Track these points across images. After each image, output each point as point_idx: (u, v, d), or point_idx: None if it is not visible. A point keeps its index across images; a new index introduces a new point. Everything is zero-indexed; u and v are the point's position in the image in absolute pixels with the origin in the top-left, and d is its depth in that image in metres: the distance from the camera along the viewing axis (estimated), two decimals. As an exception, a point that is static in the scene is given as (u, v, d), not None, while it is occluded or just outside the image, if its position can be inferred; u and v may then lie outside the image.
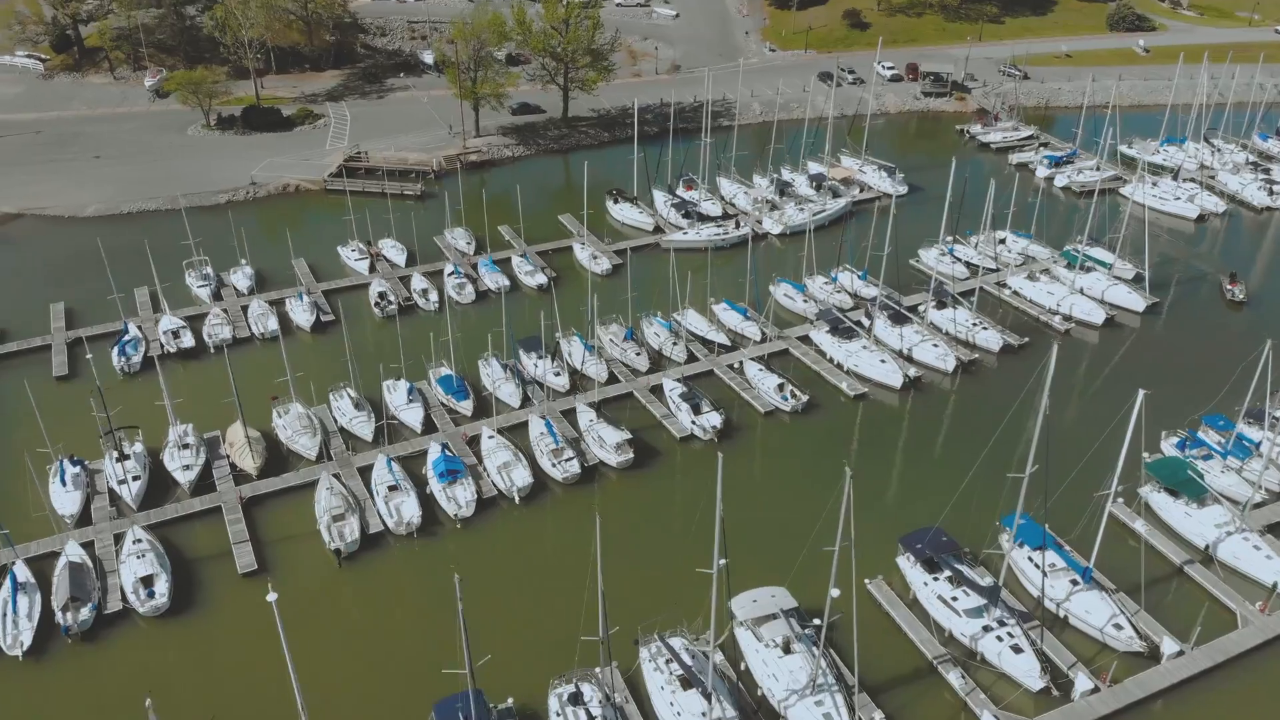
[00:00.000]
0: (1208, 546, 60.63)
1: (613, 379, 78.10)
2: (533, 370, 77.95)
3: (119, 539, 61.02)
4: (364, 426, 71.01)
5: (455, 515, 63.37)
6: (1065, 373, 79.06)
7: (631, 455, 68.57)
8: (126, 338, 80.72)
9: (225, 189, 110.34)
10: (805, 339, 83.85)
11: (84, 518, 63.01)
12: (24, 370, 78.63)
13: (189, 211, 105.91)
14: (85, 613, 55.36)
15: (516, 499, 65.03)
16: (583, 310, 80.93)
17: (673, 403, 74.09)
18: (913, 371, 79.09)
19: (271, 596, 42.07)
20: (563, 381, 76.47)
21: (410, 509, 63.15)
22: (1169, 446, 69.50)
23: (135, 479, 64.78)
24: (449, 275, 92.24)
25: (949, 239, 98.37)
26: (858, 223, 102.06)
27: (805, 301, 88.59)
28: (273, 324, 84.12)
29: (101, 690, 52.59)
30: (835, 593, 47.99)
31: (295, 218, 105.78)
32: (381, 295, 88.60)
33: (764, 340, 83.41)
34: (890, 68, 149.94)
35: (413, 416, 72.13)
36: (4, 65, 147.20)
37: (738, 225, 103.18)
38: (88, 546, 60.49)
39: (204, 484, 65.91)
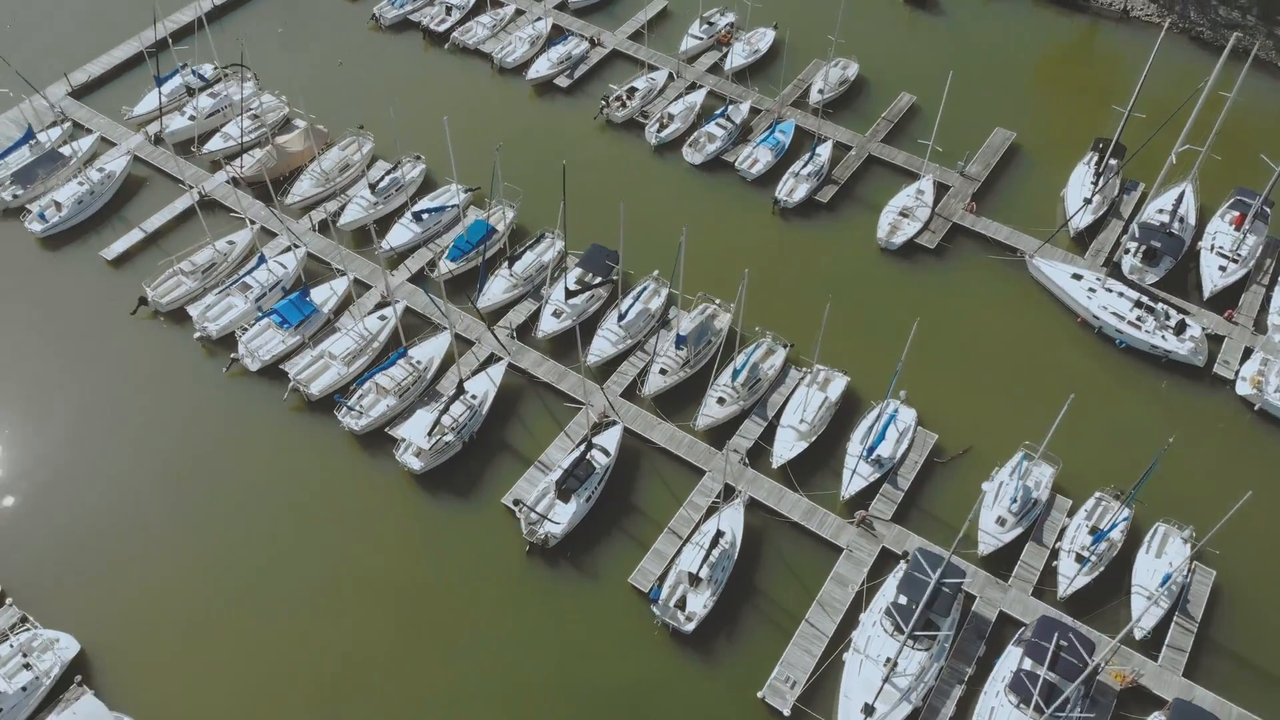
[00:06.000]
0: None
1: (606, 374, 52.64)
2: (557, 299, 54.88)
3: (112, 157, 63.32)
4: (354, 210, 59.60)
5: (234, 357, 52.66)
6: None
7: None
8: (408, -8, 75.74)
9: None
10: (884, 567, 45.26)
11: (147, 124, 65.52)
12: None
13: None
14: (18, 191, 60.09)
15: (284, 394, 51.22)
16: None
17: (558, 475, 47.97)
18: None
19: None
20: (555, 325, 53.71)
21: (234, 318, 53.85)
22: None
23: (191, 118, 64.69)
24: (714, 118, 65.83)
25: None
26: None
27: (1012, 515, 46.19)
28: (515, 57, 70.98)
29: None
30: None
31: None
32: (630, 93, 67.61)
33: (842, 507, 47.23)
34: None
35: (399, 236, 58.15)
36: None
37: (1180, 327, 53.88)
38: (90, 153, 63.00)
39: (225, 161, 63.46)
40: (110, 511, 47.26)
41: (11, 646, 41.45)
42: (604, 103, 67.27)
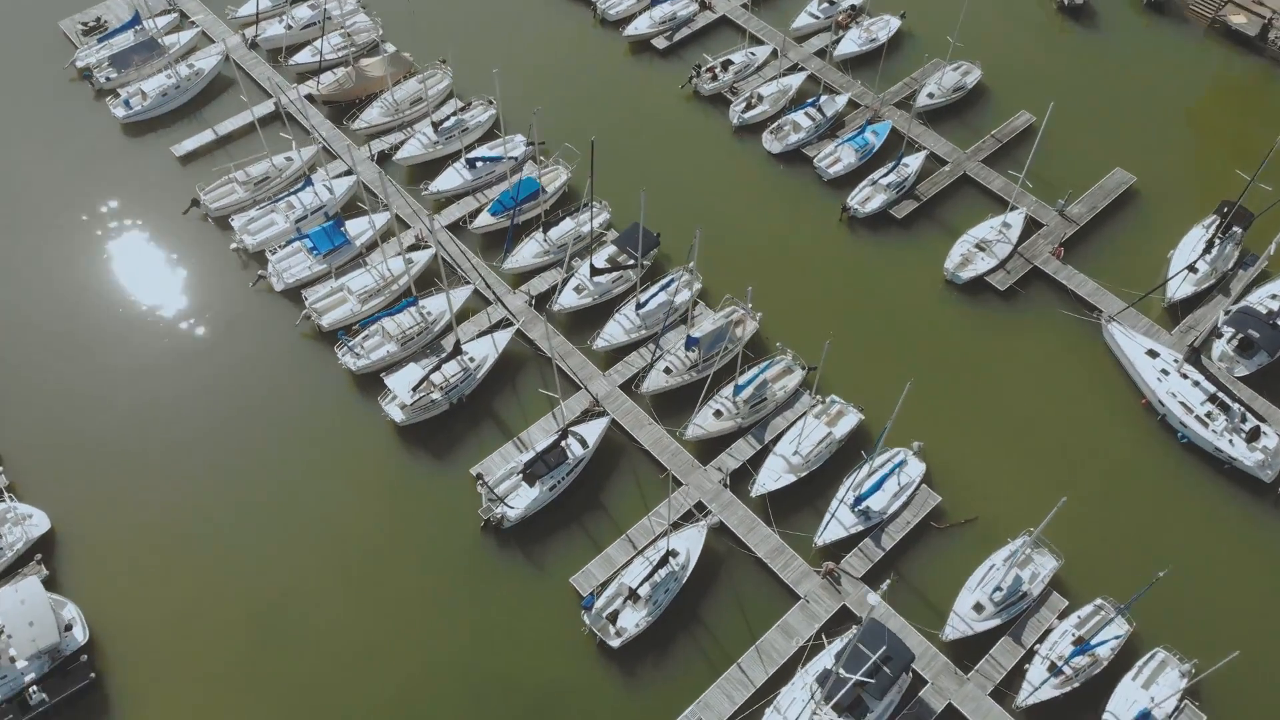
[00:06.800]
0: None
1: (617, 361, 50.64)
2: (583, 278, 52.93)
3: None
4: (413, 146, 58.85)
5: (261, 274, 53.39)
6: None
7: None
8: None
9: None
10: (838, 627, 42.11)
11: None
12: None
13: None
14: (112, 74, 62.30)
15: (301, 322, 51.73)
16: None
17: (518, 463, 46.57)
18: None
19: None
20: (574, 300, 51.97)
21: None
22: None
23: (288, 27, 65.09)
24: (804, 106, 61.39)
25: None
26: None
27: (992, 604, 42.12)
28: (620, 10, 68.13)
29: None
30: None
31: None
32: (724, 65, 63.84)
33: (814, 554, 44.24)
34: None
35: (449, 180, 57.26)
36: None
37: (1254, 434, 47.36)
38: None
39: (310, 73, 63.90)
40: (108, 402, 49.18)
41: (-14, 514, 43.99)
42: (694, 72, 63.95)
